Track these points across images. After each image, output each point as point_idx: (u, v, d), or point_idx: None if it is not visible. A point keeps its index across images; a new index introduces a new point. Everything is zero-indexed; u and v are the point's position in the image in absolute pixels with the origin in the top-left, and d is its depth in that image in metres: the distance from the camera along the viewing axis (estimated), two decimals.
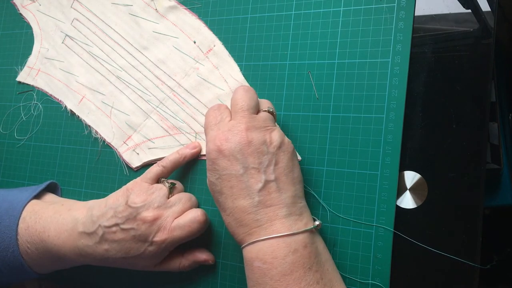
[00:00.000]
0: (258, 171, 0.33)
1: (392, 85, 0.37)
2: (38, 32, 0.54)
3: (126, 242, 0.37)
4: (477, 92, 0.36)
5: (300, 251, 0.31)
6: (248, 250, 0.33)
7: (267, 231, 0.32)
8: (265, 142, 0.34)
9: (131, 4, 0.49)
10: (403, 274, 0.36)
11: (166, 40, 0.47)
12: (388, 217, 0.36)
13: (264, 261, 0.31)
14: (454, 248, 0.35)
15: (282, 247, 0.31)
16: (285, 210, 0.33)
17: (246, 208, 0.33)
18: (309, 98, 0.40)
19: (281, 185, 0.33)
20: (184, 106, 0.45)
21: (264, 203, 0.32)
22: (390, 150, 0.37)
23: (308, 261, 0.31)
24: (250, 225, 0.33)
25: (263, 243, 0.32)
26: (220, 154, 0.33)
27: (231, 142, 0.33)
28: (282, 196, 0.33)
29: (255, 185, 0.33)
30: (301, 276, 0.31)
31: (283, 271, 0.31)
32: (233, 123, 0.34)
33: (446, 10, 0.38)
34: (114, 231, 0.38)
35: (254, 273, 0.32)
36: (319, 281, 0.31)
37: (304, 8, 0.41)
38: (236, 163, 0.33)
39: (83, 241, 0.39)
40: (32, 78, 0.54)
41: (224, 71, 0.44)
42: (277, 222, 0.32)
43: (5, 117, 0.55)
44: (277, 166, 0.34)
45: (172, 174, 0.43)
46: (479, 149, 0.35)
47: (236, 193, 0.33)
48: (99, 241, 0.38)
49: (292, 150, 0.35)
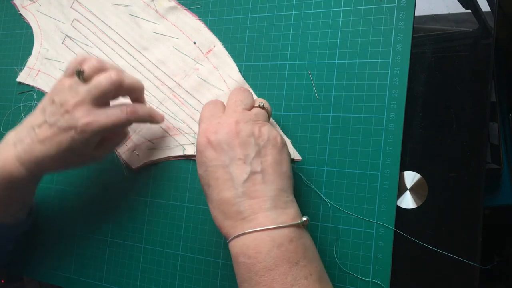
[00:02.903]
0: (243, 162, 0.32)
1: (392, 85, 0.37)
2: (38, 33, 0.54)
3: (55, 135, 0.37)
4: (477, 92, 0.36)
5: (285, 245, 0.30)
6: (233, 245, 0.32)
7: (250, 224, 0.31)
8: (253, 134, 0.33)
9: (131, 4, 0.49)
10: (403, 274, 0.36)
11: (166, 40, 0.47)
12: (389, 217, 0.36)
13: (248, 256, 0.30)
14: (454, 248, 0.35)
15: (266, 241, 0.30)
16: (270, 202, 0.32)
17: (230, 199, 0.32)
18: (309, 98, 0.40)
19: (267, 177, 0.32)
20: (184, 107, 0.45)
21: (248, 194, 0.32)
22: (391, 151, 0.37)
23: (295, 256, 0.30)
24: (234, 217, 0.32)
25: (246, 237, 0.31)
26: (208, 145, 0.33)
27: (219, 133, 0.33)
28: (267, 188, 0.32)
29: (240, 176, 0.32)
30: (287, 270, 0.30)
31: (267, 266, 0.30)
32: (224, 117, 0.35)
33: (446, 10, 0.38)
34: (44, 129, 0.38)
35: (240, 269, 0.31)
36: (308, 277, 0.30)
37: (304, 8, 0.41)
38: (223, 154, 0.33)
39: (19, 148, 0.39)
40: (32, 78, 0.54)
41: (223, 72, 0.44)
42: (260, 215, 0.31)
43: (6, 117, 0.55)
44: (265, 159, 0.33)
45: (161, 173, 0.43)
46: (479, 149, 0.35)
47: (221, 185, 0.32)
48: (32, 142, 0.38)
49: (281, 145, 0.34)
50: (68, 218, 0.49)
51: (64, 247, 0.49)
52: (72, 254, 0.49)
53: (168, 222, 0.45)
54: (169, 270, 0.44)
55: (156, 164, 0.46)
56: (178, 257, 0.44)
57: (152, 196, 0.46)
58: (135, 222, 0.46)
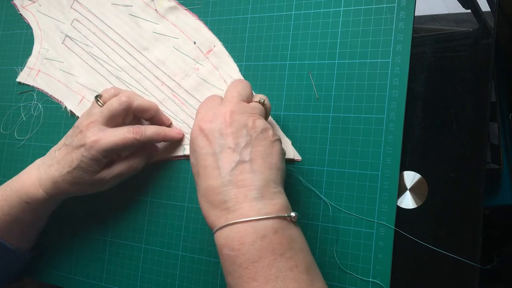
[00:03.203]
0: (233, 151, 0.32)
1: (392, 85, 0.37)
2: (38, 33, 0.54)
3: (68, 154, 0.40)
4: (477, 92, 0.36)
5: (269, 236, 0.30)
6: (217, 236, 0.31)
7: (234, 214, 0.30)
8: (246, 125, 0.33)
9: (131, 4, 0.49)
10: (403, 274, 0.36)
11: (166, 40, 0.47)
12: (389, 217, 0.36)
13: (232, 248, 0.30)
14: (454, 248, 0.35)
15: (249, 233, 0.30)
16: (256, 192, 0.31)
17: (216, 188, 0.31)
18: (309, 99, 0.40)
19: (255, 167, 0.32)
20: (184, 107, 0.45)
21: (235, 183, 0.31)
22: (391, 151, 0.37)
23: (279, 247, 0.29)
24: (219, 207, 0.31)
25: (231, 229, 0.30)
26: (201, 133, 0.33)
27: (213, 123, 0.33)
28: (255, 178, 0.31)
29: (228, 164, 0.31)
30: (271, 262, 0.29)
31: (251, 258, 0.29)
32: (220, 107, 0.35)
33: (446, 10, 0.38)
34: (62, 150, 0.41)
35: (225, 261, 0.31)
36: (293, 268, 0.29)
37: (304, 8, 0.41)
38: (214, 142, 0.33)
39: (41, 170, 0.42)
40: (32, 78, 0.54)
41: (224, 72, 0.44)
42: (245, 205, 0.30)
43: (5, 118, 0.55)
44: (255, 149, 0.32)
45: (161, 173, 0.43)
46: (479, 149, 0.35)
47: (209, 173, 0.32)
48: (52, 164, 0.41)
49: (273, 140, 0.34)
50: (68, 218, 0.49)
51: (64, 247, 0.49)
52: (72, 254, 0.49)
53: (168, 222, 0.45)
54: (169, 270, 0.44)
55: (156, 164, 0.46)
56: (178, 257, 0.44)
57: (152, 196, 0.46)
58: (135, 222, 0.46)
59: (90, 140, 0.39)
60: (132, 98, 0.41)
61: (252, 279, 0.29)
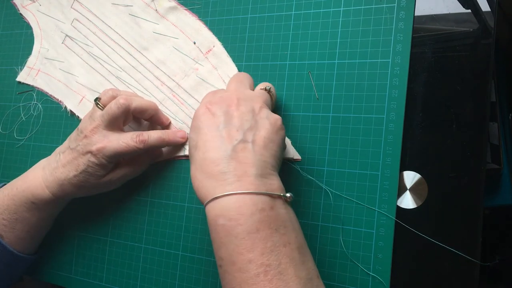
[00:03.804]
0: (236, 130, 0.32)
1: (392, 85, 0.37)
2: (38, 32, 0.54)
3: (74, 159, 0.41)
4: (477, 92, 0.36)
5: (266, 211, 0.30)
6: (212, 206, 0.31)
7: (233, 186, 0.30)
8: (253, 111, 0.34)
9: (131, 4, 0.49)
10: (403, 273, 0.36)
11: (166, 40, 0.47)
12: (389, 217, 0.36)
13: (229, 218, 0.30)
14: (454, 248, 0.35)
15: (248, 205, 0.30)
16: (255, 170, 0.31)
17: (216, 159, 0.31)
18: (309, 99, 0.40)
19: (256, 148, 0.32)
20: (183, 107, 0.45)
21: (236, 158, 0.31)
22: (391, 151, 0.37)
23: (275, 223, 0.30)
24: (217, 177, 0.31)
25: (228, 199, 0.30)
26: (207, 111, 0.34)
27: (220, 104, 0.34)
28: (255, 157, 0.32)
29: (231, 140, 0.32)
30: (268, 236, 0.29)
31: (248, 228, 0.29)
32: (227, 93, 0.35)
33: (446, 10, 0.38)
34: (67, 153, 0.42)
35: (218, 232, 0.30)
36: (286, 245, 0.30)
37: (304, 8, 0.41)
38: (219, 119, 0.33)
39: (46, 172, 0.42)
40: (32, 78, 0.54)
41: (222, 72, 0.44)
42: (245, 179, 0.31)
43: (5, 117, 0.55)
44: (258, 132, 0.33)
45: (161, 173, 0.43)
46: (479, 149, 0.35)
47: (209, 146, 0.32)
48: (57, 166, 0.42)
49: (280, 127, 0.34)
50: (68, 218, 0.49)
51: (64, 247, 0.49)
52: (72, 254, 0.49)
53: (168, 222, 0.45)
54: (169, 270, 0.44)
55: (156, 164, 0.46)
56: (178, 257, 0.44)
57: (152, 196, 0.46)
58: (135, 222, 0.46)
59: (96, 147, 0.40)
60: (130, 100, 0.41)
61: (247, 250, 0.29)
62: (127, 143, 0.41)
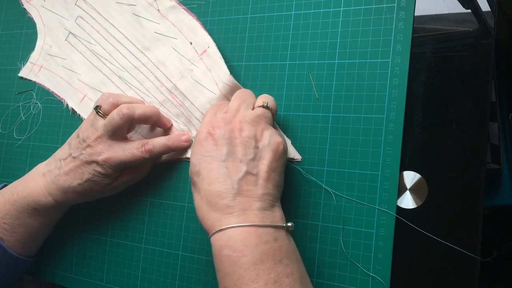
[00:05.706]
0: (240, 161, 0.33)
1: (392, 85, 0.37)
2: (42, 28, 0.54)
3: (78, 167, 0.41)
4: (477, 92, 0.36)
5: (270, 242, 0.31)
6: (217, 237, 0.32)
7: (239, 218, 0.32)
8: (255, 136, 0.34)
9: (135, 4, 0.48)
10: (403, 272, 0.36)
11: (166, 41, 0.46)
12: (389, 217, 0.36)
13: (234, 248, 0.31)
14: (454, 248, 0.35)
15: (253, 237, 0.31)
16: (259, 204, 0.32)
17: (222, 192, 0.32)
18: (309, 98, 0.40)
19: (260, 181, 0.33)
20: (182, 109, 0.45)
21: (241, 192, 0.32)
22: (391, 151, 0.37)
23: (279, 254, 0.31)
24: (222, 211, 0.32)
25: (233, 231, 0.31)
26: (209, 136, 0.35)
27: (222, 129, 0.35)
28: (258, 191, 0.33)
29: (235, 173, 0.33)
30: (271, 267, 0.30)
31: (253, 259, 0.30)
32: (229, 114, 0.36)
33: (446, 10, 0.38)
34: (68, 161, 0.42)
35: (223, 262, 0.31)
36: (289, 275, 0.30)
37: (304, 8, 0.41)
38: (222, 148, 0.34)
39: (48, 179, 0.42)
40: (34, 74, 0.54)
41: (215, 75, 0.43)
42: (249, 212, 0.32)
43: (4, 117, 0.55)
44: (261, 162, 0.34)
45: (161, 173, 0.43)
46: (479, 149, 0.35)
47: (213, 177, 0.33)
48: (59, 174, 0.42)
49: (282, 152, 0.35)
50: (68, 218, 0.49)
51: (64, 247, 0.49)
52: (73, 254, 0.49)
53: (168, 222, 0.45)
54: (169, 270, 0.44)
55: (156, 164, 0.46)
56: (178, 257, 0.44)
57: (152, 196, 0.46)
58: (135, 222, 0.46)
59: (102, 158, 0.40)
60: (132, 109, 0.41)
61: (252, 281, 0.30)
62: (133, 154, 0.41)
